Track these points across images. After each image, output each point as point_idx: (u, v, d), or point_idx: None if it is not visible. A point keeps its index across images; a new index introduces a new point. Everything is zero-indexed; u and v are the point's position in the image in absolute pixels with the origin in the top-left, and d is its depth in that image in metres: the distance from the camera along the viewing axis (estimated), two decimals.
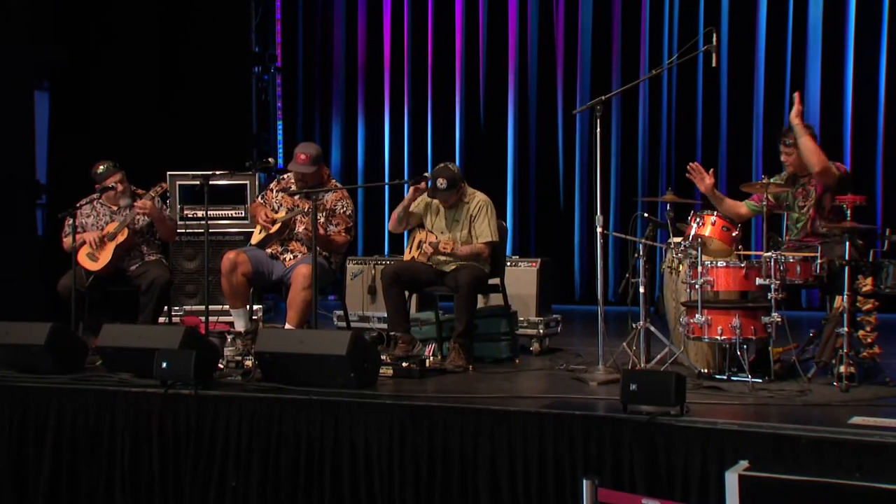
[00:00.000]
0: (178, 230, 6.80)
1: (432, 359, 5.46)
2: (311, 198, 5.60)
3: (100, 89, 8.73)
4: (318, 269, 5.51)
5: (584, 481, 3.36)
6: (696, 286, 4.99)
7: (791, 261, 4.99)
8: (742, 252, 5.24)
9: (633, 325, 5.33)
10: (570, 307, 9.17)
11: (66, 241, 6.07)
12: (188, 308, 7.31)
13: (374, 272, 7.08)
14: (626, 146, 9.74)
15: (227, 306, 6.06)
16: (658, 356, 5.29)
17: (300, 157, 5.92)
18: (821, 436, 3.67)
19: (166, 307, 6.47)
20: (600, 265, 5.19)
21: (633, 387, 4.00)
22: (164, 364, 4.73)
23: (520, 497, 4.12)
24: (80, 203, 6.24)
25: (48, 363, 5.20)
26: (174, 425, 4.71)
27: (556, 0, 9.94)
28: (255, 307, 6.54)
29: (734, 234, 5.18)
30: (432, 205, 5.91)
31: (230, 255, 5.89)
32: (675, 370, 4.55)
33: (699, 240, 5.12)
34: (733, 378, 4.89)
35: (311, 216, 5.53)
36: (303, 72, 11.10)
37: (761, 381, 4.79)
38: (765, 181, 5.30)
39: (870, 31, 8.83)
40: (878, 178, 8.82)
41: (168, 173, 7.28)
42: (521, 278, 6.57)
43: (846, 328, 4.74)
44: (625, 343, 5.34)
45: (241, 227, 7.43)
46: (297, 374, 4.74)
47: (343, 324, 6.69)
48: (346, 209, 6.03)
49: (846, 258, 4.88)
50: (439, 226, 5.87)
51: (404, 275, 5.71)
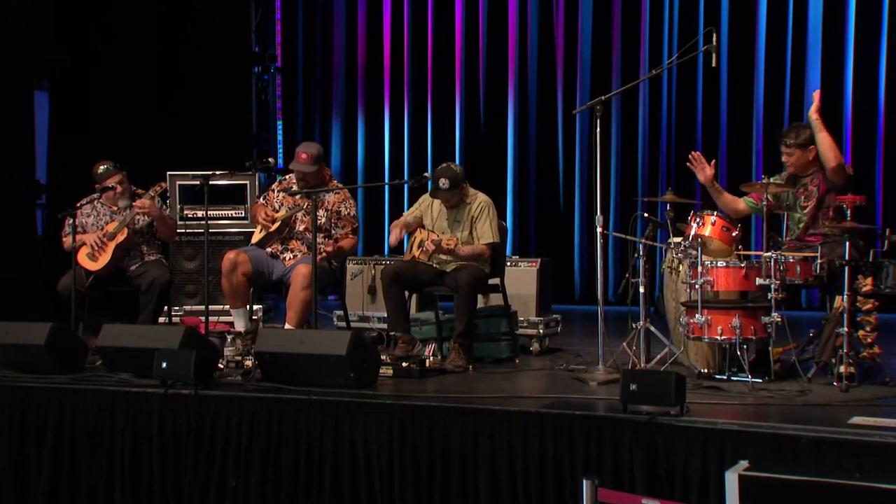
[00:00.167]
0: (178, 230, 6.80)
1: (432, 359, 5.46)
2: (312, 197, 5.60)
3: (100, 89, 8.73)
4: (318, 270, 5.51)
5: (584, 481, 3.36)
6: (696, 286, 4.99)
7: (791, 261, 4.99)
8: (742, 252, 5.24)
9: (633, 325, 5.32)
10: (570, 307, 9.16)
11: (66, 241, 6.07)
12: (188, 308, 7.31)
13: (374, 272, 7.08)
14: (626, 146, 9.73)
15: (227, 306, 6.06)
16: (658, 356, 5.29)
17: (301, 157, 5.92)
18: (821, 436, 3.67)
19: (166, 307, 6.47)
20: (600, 265, 5.19)
21: (633, 387, 4.00)
22: (164, 364, 4.73)
23: (520, 497, 4.12)
24: (81, 203, 6.24)
25: (48, 363, 5.20)
26: (174, 425, 4.71)
27: (556, 0, 9.94)
28: (254, 307, 6.54)
29: (734, 234, 5.18)
30: (433, 205, 5.91)
31: (230, 255, 5.89)
32: (675, 370, 4.55)
33: (699, 240, 5.12)
34: (733, 378, 4.89)
35: (311, 215, 5.53)
36: (303, 72, 11.09)
37: (761, 381, 4.79)
38: (765, 181, 5.30)
39: (870, 31, 8.82)
40: (878, 178, 8.82)
41: (168, 173, 7.28)
42: (521, 278, 6.57)
43: (846, 328, 4.74)
44: (625, 343, 5.34)
45: (241, 227, 7.43)
46: (297, 374, 4.74)
47: (343, 324, 6.68)
48: (350, 210, 6.04)
49: (846, 258, 4.88)
50: (440, 226, 5.87)
51: (404, 275, 5.71)
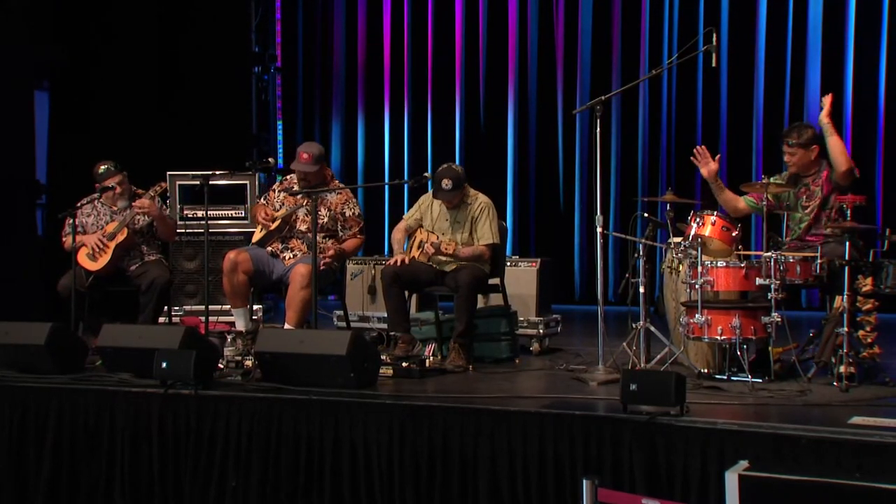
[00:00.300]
0: (178, 230, 6.79)
1: (432, 359, 5.46)
2: (313, 197, 5.60)
3: (100, 89, 8.73)
4: (318, 270, 5.51)
5: (584, 481, 3.36)
6: (696, 286, 4.99)
7: (791, 261, 4.99)
8: (742, 252, 5.24)
9: (633, 325, 5.32)
10: (570, 307, 9.16)
11: (67, 241, 6.07)
12: (188, 308, 7.30)
13: (374, 272, 7.08)
14: (626, 146, 9.73)
15: (227, 306, 6.06)
16: (658, 356, 5.29)
17: (303, 156, 5.92)
18: (821, 436, 3.67)
19: (166, 307, 6.47)
20: (600, 265, 5.19)
21: (633, 387, 4.00)
22: (164, 364, 4.73)
23: (520, 497, 4.12)
24: (81, 203, 6.24)
25: (48, 363, 5.20)
26: (174, 425, 4.71)
27: (556, 0, 9.94)
28: (254, 307, 6.54)
29: (734, 234, 5.18)
30: (433, 205, 5.90)
31: (231, 255, 5.89)
32: (675, 370, 4.55)
33: (699, 240, 5.12)
34: (733, 378, 4.88)
35: (311, 214, 5.53)
36: (303, 72, 11.09)
37: (761, 381, 4.79)
38: (765, 181, 5.30)
39: (870, 30, 8.82)
40: (878, 178, 8.82)
41: (168, 173, 7.27)
42: (521, 278, 6.57)
43: (846, 328, 4.74)
44: (625, 343, 5.34)
45: (240, 227, 7.42)
46: (297, 374, 4.74)
47: (343, 324, 6.68)
48: (354, 211, 6.05)
49: (846, 258, 4.88)
50: (441, 226, 5.87)
51: (404, 275, 5.71)
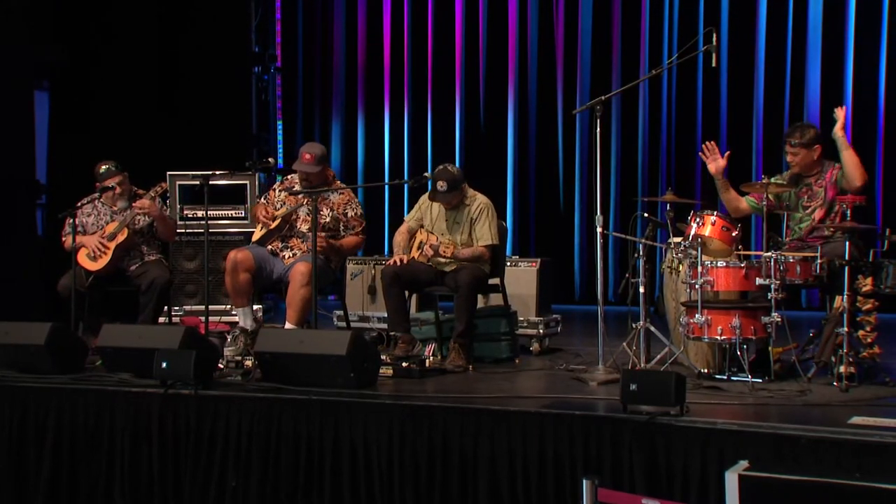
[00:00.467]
0: (178, 230, 6.79)
1: (432, 359, 5.46)
2: (313, 197, 5.60)
3: (100, 89, 8.73)
4: (318, 269, 5.51)
5: (584, 481, 3.36)
6: (696, 286, 4.99)
7: (791, 261, 4.99)
8: (742, 252, 5.24)
9: (633, 325, 5.32)
10: (570, 307, 9.15)
11: (67, 241, 6.07)
12: (188, 308, 7.30)
13: (374, 272, 7.08)
14: (626, 146, 9.71)
15: (228, 306, 6.06)
16: (658, 356, 5.29)
17: (305, 157, 5.91)
18: (821, 436, 3.67)
19: (166, 307, 6.47)
20: (600, 265, 5.19)
21: (633, 387, 4.00)
22: (164, 364, 4.73)
23: (519, 497, 4.12)
24: (81, 203, 6.24)
25: (48, 363, 5.20)
26: (174, 425, 4.71)
27: (556, 0, 9.94)
28: (254, 307, 6.53)
29: (734, 234, 5.18)
30: (433, 206, 5.90)
31: (233, 254, 5.89)
32: (675, 370, 4.55)
33: (699, 240, 5.12)
34: (733, 378, 4.89)
35: (312, 214, 5.52)
36: (303, 72, 11.08)
37: (761, 381, 4.79)
38: (765, 181, 5.31)
39: (870, 30, 8.81)
40: (878, 178, 8.80)
41: (168, 173, 7.28)
42: (521, 278, 6.57)
43: (846, 328, 4.74)
44: (625, 343, 5.34)
45: (240, 227, 7.43)
46: (297, 374, 4.74)
47: (343, 324, 6.68)
48: (356, 211, 6.05)
49: (846, 258, 4.88)
50: (440, 227, 5.87)
51: (404, 275, 5.71)
